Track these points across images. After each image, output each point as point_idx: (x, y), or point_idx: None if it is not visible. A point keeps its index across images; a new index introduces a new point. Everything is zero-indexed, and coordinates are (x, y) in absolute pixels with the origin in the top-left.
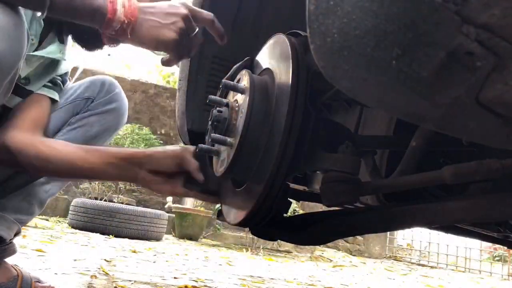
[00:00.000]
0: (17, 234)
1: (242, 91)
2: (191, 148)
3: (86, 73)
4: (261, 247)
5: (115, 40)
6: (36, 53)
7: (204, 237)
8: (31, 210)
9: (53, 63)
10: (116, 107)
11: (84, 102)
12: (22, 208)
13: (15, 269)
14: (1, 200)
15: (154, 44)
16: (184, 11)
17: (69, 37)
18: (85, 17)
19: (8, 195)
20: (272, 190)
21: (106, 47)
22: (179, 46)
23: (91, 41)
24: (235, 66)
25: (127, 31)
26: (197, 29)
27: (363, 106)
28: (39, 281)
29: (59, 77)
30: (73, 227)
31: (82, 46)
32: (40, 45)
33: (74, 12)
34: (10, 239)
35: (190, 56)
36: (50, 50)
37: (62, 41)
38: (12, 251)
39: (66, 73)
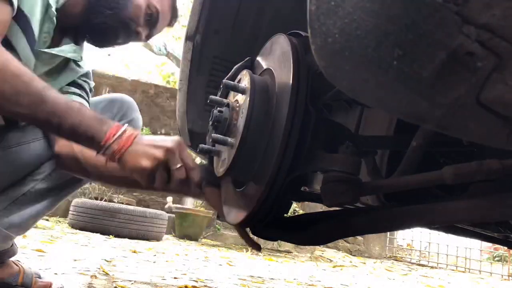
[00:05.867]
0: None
1: (242, 91)
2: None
3: None
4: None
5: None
6: (47, 50)
7: (204, 237)
8: (32, 227)
9: (68, 64)
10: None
11: None
12: (26, 227)
13: (17, 265)
14: (12, 217)
15: (129, 172)
16: (170, 144)
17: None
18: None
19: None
20: (273, 190)
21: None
22: (150, 176)
23: (105, 39)
24: (235, 66)
25: (115, 158)
26: (179, 165)
27: (363, 106)
28: (39, 277)
29: (83, 79)
30: (73, 227)
31: (95, 44)
32: (54, 47)
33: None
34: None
35: (161, 189)
36: (63, 49)
37: (78, 44)
38: (12, 253)
39: (87, 74)
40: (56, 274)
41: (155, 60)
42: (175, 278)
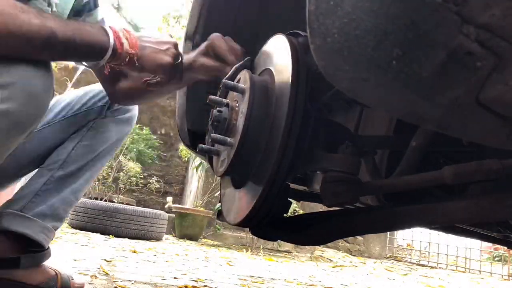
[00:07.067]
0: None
1: (242, 91)
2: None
3: (86, 73)
4: (261, 247)
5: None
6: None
7: (204, 237)
8: (65, 216)
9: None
10: (132, 117)
11: (100, 109)
12: (59, 216)
13: (51, 269)
14: (42, 207)
15: (154, 68)
16: (174, 40)
17: None
18: (91, 55)
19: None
20: (272, 190)
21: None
22: (172, 69)
23: None
24: (235, 66)
25: (134, 61)
26: (181, 58)
27: (363, 106)
28: (72, 278)
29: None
30: (73, 227)
31: None
32: None
33: (77, 52)
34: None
35: (180, 79)
36: None
37: None
38: (49, 255)
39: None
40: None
41: None
42: (175, 278)
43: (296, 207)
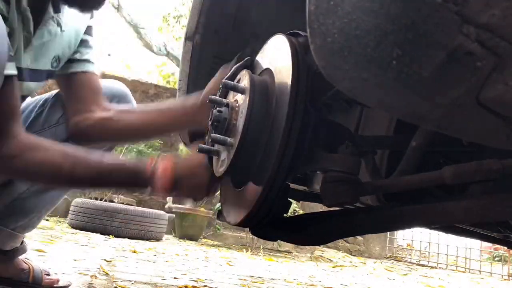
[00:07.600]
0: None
1: (242, 91)
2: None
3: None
4: (261, 247)
5: None
6: (29, 49)
7: (204, 237)
8: (34, 224)
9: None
10: None
11: None
12: (29, 225)
13: (26, 263)
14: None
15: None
16: (206, 179)
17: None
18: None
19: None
20: (272, 190)
21: (102, 7)
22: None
23: (88, 3)
24: (235, 66)
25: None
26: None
27: (363, 106)
28: (48, 274)
29: (86, 39)
30: (73, 227)
31: (79, 9)
32: (38, 28)
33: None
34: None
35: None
36: (41, 37)
37: (58, 10)
38: (22, 251)
39: (88, 28)
40: (56, 274)
41: (155, 60)
42: (175, 278)
43: (296, 207)
